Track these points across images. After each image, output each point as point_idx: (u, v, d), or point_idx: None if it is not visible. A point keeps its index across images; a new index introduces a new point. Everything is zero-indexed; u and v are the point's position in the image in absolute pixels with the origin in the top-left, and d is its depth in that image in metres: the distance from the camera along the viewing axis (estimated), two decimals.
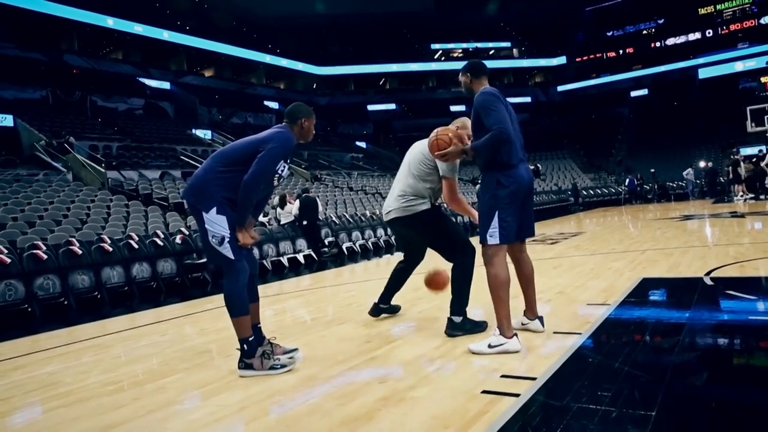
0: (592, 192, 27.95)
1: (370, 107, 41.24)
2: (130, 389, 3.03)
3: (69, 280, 7.24)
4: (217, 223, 3.02)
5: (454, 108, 39.38)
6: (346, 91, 41.03)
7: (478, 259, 3.36)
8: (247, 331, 3.08)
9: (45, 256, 7.16)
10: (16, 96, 23.09)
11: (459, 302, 3.58)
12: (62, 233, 9.10)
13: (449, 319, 3.55)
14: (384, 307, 4.38)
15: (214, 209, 3.02)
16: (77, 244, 7.71)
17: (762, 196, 17.40)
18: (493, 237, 3.04)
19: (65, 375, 3.50)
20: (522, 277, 3.34)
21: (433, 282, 4.05)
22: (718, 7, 37.96)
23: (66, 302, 7.08)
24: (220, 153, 3.21)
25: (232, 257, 3.05)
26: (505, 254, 3.11)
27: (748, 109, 24.29)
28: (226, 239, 3.02)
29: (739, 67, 35.91)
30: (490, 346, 2.99)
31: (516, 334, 3.03)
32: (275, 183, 3.20)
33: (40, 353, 4.38)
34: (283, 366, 3.05)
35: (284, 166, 3.14)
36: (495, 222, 3.03)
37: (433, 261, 4.12)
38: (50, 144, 17.20)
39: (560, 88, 43.24)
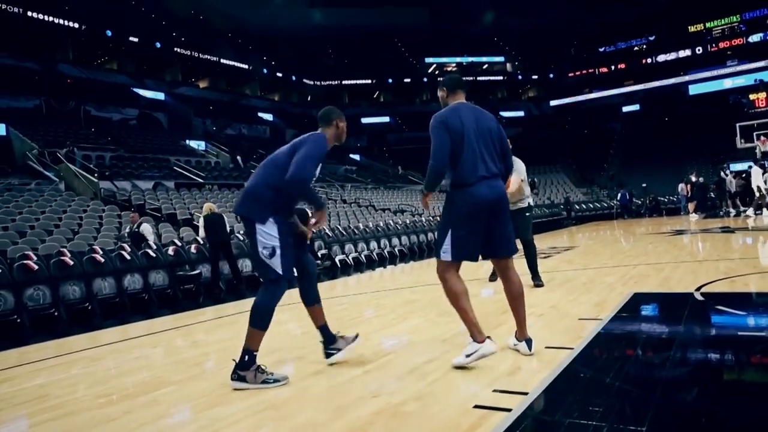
0: (584, 206, 28.12)
1: (364, 120, 41.44)
2: (121, 402, 3.01)
3: (60, 290, 7.19)
4: (269, 233, 3.04)
5: None
6: (340, 104, 41.22)
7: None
8: (257, 345, 3.08)
9: (36, 267, 7.11)
10: (9, 105, 23.05)
11: None
12: (53, 243, 9.06)
13: None
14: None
15: (270, 219, 3.05)
16: (68, 255, 7.67)
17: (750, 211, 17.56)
18: (446, 254, 3.07)
19: (55, 388, 3.47)
20: (509, 295, 3.25)
21: None
22: (708, 25, 38.64)
23: (56, 313, 7.02)
24: (269, 161, 3.22)
25: (280, 272, 3.07)
26: (456, 269, 3.11)
27: (737, 125, 24.62)
28: (278, 251, 3.04)
29: (728, 84, 36.52)
30: (467, 356, 3.01)
31: (489, 337, 3.04)
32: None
33: (29, 365, 4.34)
34: (276, 381, 3.04)
35: (318, 168, 3.19)
36: (448, 239, 3.06)
37: None
38: (43, 153, 17.14)
39: (553, 103, 43.69)
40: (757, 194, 15.99)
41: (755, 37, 36.62)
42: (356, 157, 36.83)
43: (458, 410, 2.42)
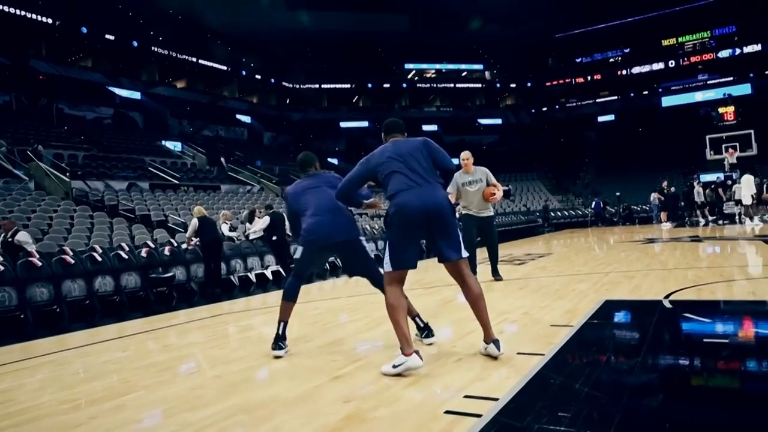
0: (560, 214, 28.52)
1: (343, 124, 41.42)
2: (87, 407, 2.95)
3: (27, 292, 7.01)
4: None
5: (426, 127, 39.87)
6: (318, 107, 41.17)
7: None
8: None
9: (2, 267, 6.93)
10: None
11: None
12: None
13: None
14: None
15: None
16: (37, 256, 7.48)
17: (720, 221, 18.07)
18: (387, 265, 3.26)
19: (19, 392, 3.38)
20: (468, 299, 3.33)
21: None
22: (680, 39, 39.73)
23: (22, 316, 6.84)
24: (329, 192, 3.80)
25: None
26: (398, 281, 3.27)
27: (707, 137, 25.26)
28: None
29: (699, 97, 37.60)
30: (394, 366, 3.08)
31: (417, 351, 3.08)
32: None
33: None
34: None
35: None
36: (387, 251, 3.26)
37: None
38: (12, 151, 16.71)
39: (530, 111, 44.29)
40: (747, 203, 15.95)
41: (724, 53, 37.80)
42: (334, 161, 36.75)
43: (429, 415, 2.44)
